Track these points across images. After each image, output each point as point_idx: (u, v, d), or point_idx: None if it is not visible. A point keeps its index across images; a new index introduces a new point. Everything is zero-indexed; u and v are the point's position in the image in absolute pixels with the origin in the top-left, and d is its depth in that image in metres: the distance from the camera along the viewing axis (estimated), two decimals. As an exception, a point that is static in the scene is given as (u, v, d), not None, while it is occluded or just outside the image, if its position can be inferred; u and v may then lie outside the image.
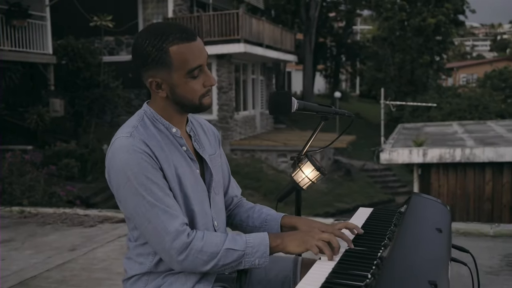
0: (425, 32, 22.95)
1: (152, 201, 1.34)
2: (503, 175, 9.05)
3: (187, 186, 1.43)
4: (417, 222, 1.59)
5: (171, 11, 16.62)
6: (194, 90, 1.41)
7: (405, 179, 17.36)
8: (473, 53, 77.25)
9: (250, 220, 1.66)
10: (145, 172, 1.34)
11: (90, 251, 4.19)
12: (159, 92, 1.42)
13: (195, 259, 1.35)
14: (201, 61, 1.40)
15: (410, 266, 1.23)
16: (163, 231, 1.34)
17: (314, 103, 1.63)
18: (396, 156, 9.19)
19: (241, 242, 1.38)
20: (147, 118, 1.45)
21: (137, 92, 16.96)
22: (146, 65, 1.39)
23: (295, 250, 1.40)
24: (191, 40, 1.38)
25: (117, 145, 1.37)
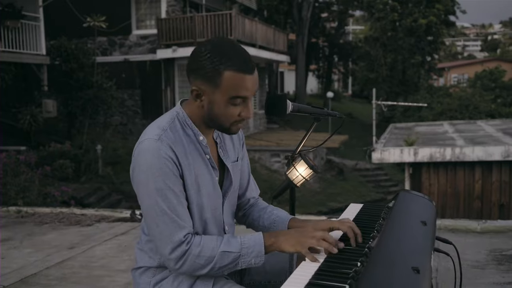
0: (417, 33, 23.17)
1: (165, 208, 1.41)
2: (492, 173, 9.21)
3: (203, 194, 1.51)
4: (403, 216, 1.70)
5: (164, 12, 16.68)
6: (230, 115, 1.46)
7: (396, 178, 17.54)
8: (464, 53, 77.79)
9: (260, 220, 1.73)
10: (165, 178, 1.41)
11: (88, 249, 4.28)
12: (197, 101, 1.48)
13: (192, 264, 1.43)
14: (247, 94, 1.44)
15: (395, 254, 1.34)
16: (167, 238, 1.42)
17: (307, 104, 1.74)
18: (388, 156, 9.33)
19: (236, 244, 1.44)
20: (178, 121, 1.51)
21: (130, 93, 17.00)
22: (197, 73, 1.44)
23: (289, 250, 1.46)
24: (247, 73, 1.42)
25: (145, 146, 1.43)
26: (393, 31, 23.53)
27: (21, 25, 12.53)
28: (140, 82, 16.86)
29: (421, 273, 1.24)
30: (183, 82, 17.04)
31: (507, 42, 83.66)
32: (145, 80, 16.77)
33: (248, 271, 1.74)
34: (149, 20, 17.13)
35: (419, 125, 15.46)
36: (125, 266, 3.81)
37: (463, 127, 13.63)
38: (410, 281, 1.18)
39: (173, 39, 15.99)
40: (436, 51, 26.40)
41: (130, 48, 17.04)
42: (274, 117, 1.92)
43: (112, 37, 16.81)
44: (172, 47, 16.02)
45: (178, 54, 16.11)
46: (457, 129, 13.02)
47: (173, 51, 16.06)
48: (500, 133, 11.28)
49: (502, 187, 9.22)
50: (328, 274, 1.31)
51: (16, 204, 7.88)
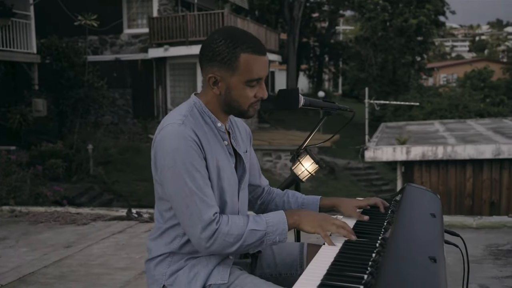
0: (407, 33, 23.32)
1: (193, 188, 1.44)
2: (483, 172, 9.31)
3: (224, 178, 1.54)
4: (413, 208, 1.73)
5: (156, 11, 16.62)
6: (247, 97, 1.51)
7: (388, 177, 17.64)
8: (452, 54, 78.45)
9: (286, 205, 1.79)
10: (192, 159, 1.45)
11: (85, 248, 4.26)
12: (214, 89, 1.52)
13: (222, 242, 1.45)
14: (262, 74, 1.50)
15: (410, 244, 1.36)
16: (197, 218, 1.44)
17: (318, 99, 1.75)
18: (381, 154, 9.39)
19: (262, 223, 1.49)
20: (196, 109, 1.55)
21: (121, 92, 16.92)
22: (213, 60, 1.48)
23: (308, 229, 1.52)
24: (261, 54, 1.49)
25: (169, 130, 1.47)
26: (383, 31, 23.65)
27: (12, 23, 12.41)
28: (131, 81, 16.79)
29: (438, 262, 1.26)
30: (174, 81, 17.00)
31: (494, 42, 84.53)
32: (137, 79, 16.69)
33: (259, 264, 1.75)
34: (141, 19, 17.07)
35: (410, 124, 15.57)
36: (124, 264, 3.80)
37: (453, 126, 13.75)
38: (430, 270, 1.19)
39: (165, 38, 15.94)
40: (426, 51, 26.59)
41: (121, 47, 16.96)
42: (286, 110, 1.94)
43: (103, 36, 16.72)
44: (164, 46, 15.97)
45: (170, 53, 16.07)
46: (448, 128, 13.14)
47: (164, 50, 16.01)
48: (491, 132, 11.40)
49: (493, 185, 9.33)
50: (346, 263, 1.32)
51: (8, 204, 7.81)
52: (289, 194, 1.84)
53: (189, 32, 15.71)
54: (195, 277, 1.52)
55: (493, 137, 10.46)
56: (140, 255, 3.99)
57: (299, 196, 1.83)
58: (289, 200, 1.82)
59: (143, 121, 16.25)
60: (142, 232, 4.70)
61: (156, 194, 1.58)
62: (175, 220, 1.54)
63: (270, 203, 1.84)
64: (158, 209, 1.60)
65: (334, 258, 1.39)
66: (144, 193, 12.70)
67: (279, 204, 1.82)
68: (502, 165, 9.09)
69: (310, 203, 1.80)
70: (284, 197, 1.83)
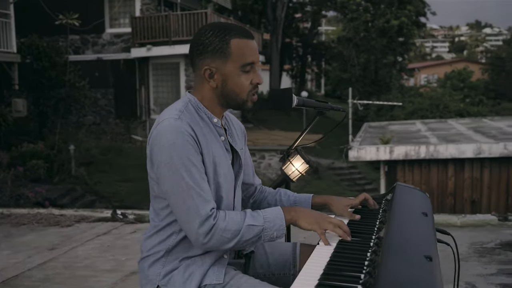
0: (389, 33, 23.55)
1: (190, 183, 1.43)
2: (465, 170, 9.45)
3: (220, 174, 1.53)
4: (405, 207, 1.74)
5: (139, 10, 16.49)
6: (243, 85, 1.51)
7: (370, 177, 17.78)
8: (432, 54, 79.47)
9: (278, 203, 1.79)
10: (189, 154, 1.44)
11: (70, 250, 4.20)
12: (210, 82, 1.52)
13: (219, 238, 1.44)
14: (255, 58, 1.52)
15: (406, 243, 1.36)
16: (195, 213, 1.43)
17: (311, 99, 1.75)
18: (364, 154, 9.46)
19: (259, 218, 1.48)
20: (191, 105, 1.55)
21: (103, 92, 16.73)
22: (205, 52, 1.49)
23: (305, 226, 1.52)
24: (250, 38, 1.52)
25: (166, 125, 1.46)
26: (366, 32, 23.84)
27: (-9, 22, 12.20)
28: (113, 81, 16.61)
29: (433, 261, 1.27)
30: (157, 81, 16.89)
31: (473, 43, 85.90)
32: (119, 79, 16.53)
33: (252, 264, 1.74)
34: (123, 19, 16.91)
35: (392, 124, 15.72)
36: (110, 266, 3.75)
37: (435, 125, 13.93)
38: (426, 268, 1.20)
39: (148, 38, 15.82)
40: (407, 52, 26.89)
41: (103, 46, 16.77)
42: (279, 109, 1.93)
43: (85, 36, 16.51)
44: (146, 46, 15.85)
45: (152, 53, 15.96)
46: (430, 127, 13.30)
47: (147, 50, 15.89)
48: (471, 131, 11.58)
49: (474, 183, 9.47)
50: (343, 263, 1.33)
51: (-12, 205, 7.67)
52: (281, 193, 1.85)
53: (172, 32, 15.62)
54: (190, 277, 1.51)
55: (474, 136, 10.62)
56: (126, 257, 3.95)
57: (291, 194, 1.84)
58: (281, 198, 1.82)
59: (126, 121, 16.11)
60: (128, 233, 4.66)
61: (152, 192, 1.56)
62: (172, 217, 1.53)
63: (263, 202, 1.84)
64: (154, 208, 1.58)
65: (329, 257, 1.40)
66: (127, 194, 12.59)
67: (271, 203, 1.82)
68: (483, 164, 9.24)
69: (302, 201, 1.80)
70: (276, 196, 1.84)
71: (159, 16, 15.98)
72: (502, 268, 3.35)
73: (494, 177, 9.21)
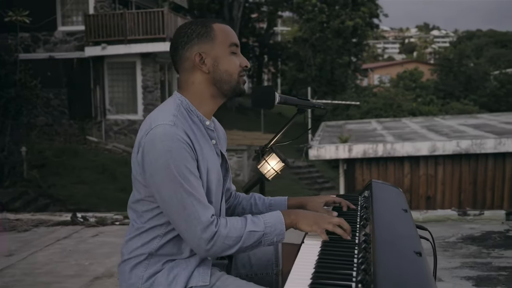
0: (344, 34, 24.00)
1: (189, 189, 1.40)
2: (420, 168, 9.73)
3: (211, 179, 1.51)
4: (385, 204, 1.75)
5: (92, 8, 16.06)
6: (235, 65, 1.52)
7: (328, 175, 18.06)
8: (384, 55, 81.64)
9: (254, 208, 1.76)
10: (185, 162, 1.40)
11: (29, 256, 4.02)
12: (202, 67, 1.50)
13: (221, 245, 1.42)
14: (237, 41, 1.55)
15: (394, 240, 1.37)
16: (195, 220, 1.40)
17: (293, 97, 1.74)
18: (324, 152, 9.57)
19: (260, 224, 1.47)
20: (183, 108, 1.51)
21: (56, 92, 16.20)
22: (190, 41, 1.51)
23: (305, 228, 1.51)
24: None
25: (161, 132, 1.41)
26: (321, 32, 24.19)
27: None
28: (67, 80, 16.11)
29: (422, 256, 1.29)
30: (113, 81, 16.51)
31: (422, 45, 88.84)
32: (73, 78, 16.05)
33: (234, 264, 1.72)
34: (76, 16, 16.43)
35: (349, 123, 16.01)
36: (73, 271, 3.62)
37: (390, 124, 14.29)
38: (418, 264, 1.21)
39: (102, 36, 15.44)
40: (361, 53, 27.49)
41: (55, 45, 16.24)
42: (261, 109, 1.89)
43: (36, 33, 15.93)
44: (101, 45, 15.46)
45: (108, 52, 15.59)
46: (385, 126, 13.63)
47: (102, 49, 15.51)
48: (425, 130, 11.95)
49: (429, 180, 9.77)
50: (332, 261, 1.32)
51: None
52: (256, 197, 1.82)
53: (128, 31, 15.31)
54: (175, 280, 1.47)
55: (428, 134, 10.96)
56: (89, 261, 3.83)
57: (265, 198, 1.81)
58: (256, 202, 1.79)
59: (80, 122, 15.67)
60: (90, 237, 4.51)
61: (137, 195, 1.51)
62: (157, 221, 1.49)
63: (237, 207, 1.81)
64: (136, 210, 1.53)
65: (318, 255, 1.39)
66: (83, 197, 12.25)
67: (246, 207, 1.79)
68: (437, 161, 9.55)
69: (277, 204, 1.78)
70: (251, 200, 1.80)
71: (114, 14, 15.63)
72: (465, 261, 3.46)
73: (447, 173, 9.53)
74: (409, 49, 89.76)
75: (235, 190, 1.84)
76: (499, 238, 3.98)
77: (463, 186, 9.36)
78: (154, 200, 1.46)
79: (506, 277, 3.16)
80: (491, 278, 3.15)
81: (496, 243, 3.86)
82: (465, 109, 24.55)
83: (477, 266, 3.37)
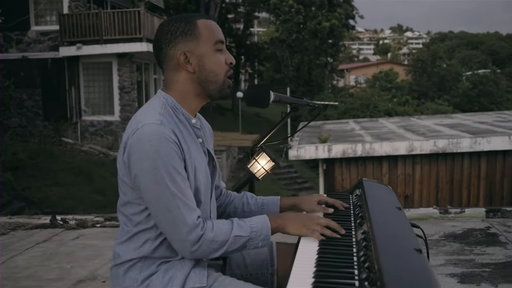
0: (320, 35, 24.17)
1: (176, 192, 1.37)
2: (398, 167, 9.86)
3: (199, 178, 1.48)
4: (380, 202, 1.75)
5: (67, 7, 15.80)
6: (220, 63, 1.49)
7: (306, 176, 18.17)
8: (359, 56, 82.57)
9: (246, 207, 1.74)
10: (173, 162, 1.37)
11: (8, 260, 3.91)
12: (187, 66, 1.47)
13: (206, 249, 1.40)
14: (223, 37, 1.51)
15: (393, 238, 1.37)
16: (181, 223, 1.38)
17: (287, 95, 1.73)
18: (304, 153, 9.62)
19: (246, 228, 1.45)
20: (169, 106, 1.47)
21: (30, 92, 15.89)
22: (174, 39, 1.46)
23: (294, 232, 1.49)
24: (213, 20, 1.52)
25: (147, 131, 1.37)
26: (298, 33, 24.33)
27: None
28: (41, 81, 15.80)
29: (422, 253, 1.29)
30: (89, 81, 16.26)
31: (396, 46, 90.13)
32: (47, 79, 15.75)
33: (229, 265, 1.70)
34: (50, 16, 16.15)
35: (327, 123, 16.12)
36: (55, 275, 3.54)
37: (367, 124, 14.44)
38: (420, 261, 1.21)
39: (77, 36, 15.21)
40: (338, 54, 27.73)
41: (28, 45, 15.92)
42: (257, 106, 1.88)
43: (8, 33, 15.59)
44: (76, 45, 15.22)
45: (83, 52, 15.36)
46: (362, 126, 13.77)
47: (77, 49, 15.27)
48: (402, 130, 12.11)
49: (407, 179, 9.91)
50: (332, 259, 1.32)
51: None
52: (248, 196, 1.79)
53: (103, 31, 15.12)
54: (171, 281, 1.44)
55: (405, 134, 11.12)
56: (71, 264, 3.75)
57: (257, 197, 1.79)
58: (249, 201, 1.77)
59: (55, 123, 15.38)
60: (70, 239, 4.42)
61: (124, 198, 1.47)
62: (146, 224, 1.46)
63: (229, 205, 1.79)
64: (125, 213, 1.49)
65: (316, 254, 1.38)
66: (59, 199, 12.02)
67: (238, 206, 1.77)
68: (415, 160, 9.69)
69: (270, 203, 1.76)
70: (243, 199, 1.78)
71: (89, 14, 15.42)
72: (449, 259, 3.51)
73: (425, 172, 9.68)
74: (384, 50, 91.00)
75: (224, 188, 1.81)
76: (480, 235, 4.05)
77: (440, 184, 9.52)
78: (142, 202, 1.43)
79: (489, 273, 3.22)
80: (475, 275, 3.20)
81: (478, 240, 3.93)
82: (439, 109, 25.02)
83: (460, 263, 3.42)
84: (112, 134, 16.00)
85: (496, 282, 3.07)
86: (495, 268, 3.30)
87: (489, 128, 11.48)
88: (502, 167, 9.32)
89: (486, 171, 9.32)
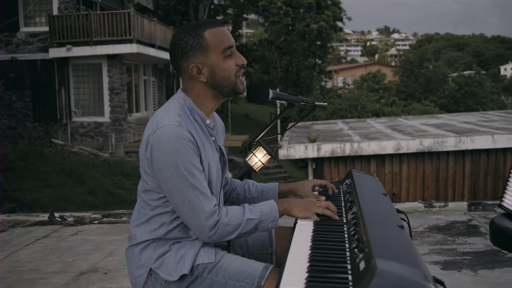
0: (309, 37, 24.42)
1: (194, 183, 1.55)
2: (385, 166, 10.08)
3: (212, 172, 1.66)
4: (368, 189, 1.94)
5: (56, 9, 15.84)
6: (230, 68, 1.63)
7: (295, 175, 18.39)
8: (347, 58, 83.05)
9: (247, 193, 1.94)
10: (190, 158, 1.56)
11: (10, 255, 4.04)
12: (200, 77, 1.62)
13: (222, 232, 1.58)
14: (231, 42, 1.64)
15: (380, 217, 1.56)
16: (200, 210, 1.56)
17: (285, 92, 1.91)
18: (294, 152, 9.80)
19: (256, 212, 1.63)
20: (187, 108, 1.65)
21: (19, 94, 15.89)
22: (185, 53, 1.61)
23: (298, 215, 1.68)
24: (219, 26, 1.64)
25: (167, 131, 1.55)
26: (286, 35, 24.55)
27: None
28: (30, 82, 15.82)
29: (404, 229, 1.48)
30: (78, 82, 16.31)
31: (383, 48, 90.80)
32: (37, 80, 15.77)
33: (232, 246, 1.87)
34: (39, 17, 16.19)
35: (316, 123, 16.33)
36: (58, 268, 3.68)
37: (355, 125, 14.68)
38: (402, 234, 1.40)
39: (67, 37, 15.26)
40: (326, 55, 28.01)
41: (18, 46, 15.93)
42: (257, 103, 2.04)
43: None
44: (66, 46, 15.27)
45: (73, 53, 15.41)
46: (351, 126, 14.00)
47: (67, 50, 15.33)
48: (389, 130, 12.36)
49: (394, 178, 10.14)
50: (326, 237, 1.49)
51: None
52: (249, 183, 1.98)
53: (94, 32, 15.19)
54: (183, 258, 1.61)
55: (392, 134, 11.36)
56: (72, 258, 3.89)
57: (258, 184, 1.98)
58: (250, 188, 1.96)
59: (45, 124, 15.41)
60: (70, 235, 4.55)
61: (145, 186, 1.65)
62: (162, 209, 1.63)
63: (232, 193, 1.97)
64: (144, 199, 1.67)
65: (312, 232, 1.56)
66: (50, 200, 12.07)
67: (241, 193, 1.96)
68: (401, 159, 9.92)
69: (269, 189, 1.95)
70: (245, 186, 1.97)
71: (79, 15, 15.47)
72: (432, 248, 3.71)
73: (411, 171, 9.92)
74: (371, 51, 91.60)
75: (230, 177, 2.00)
76: (462, 227, 4.27)
77: (426, 182, 9.77)
78: (161, 191, 1.61)
79: (470, 260, 3.42)
80: (457, 262, 3.40)
81: (460, 231, 4.14)
82: (426, 110, 25.39)
83: (443, 252, 3.62)
84: (102, 135, 16.06)
85: (476, 268, 3.27)
86: (475, 256, 3.51)
87: (473, 127, 11.77)
88: (486, 165, 9.60)
89: (471, 169, 9.59)
